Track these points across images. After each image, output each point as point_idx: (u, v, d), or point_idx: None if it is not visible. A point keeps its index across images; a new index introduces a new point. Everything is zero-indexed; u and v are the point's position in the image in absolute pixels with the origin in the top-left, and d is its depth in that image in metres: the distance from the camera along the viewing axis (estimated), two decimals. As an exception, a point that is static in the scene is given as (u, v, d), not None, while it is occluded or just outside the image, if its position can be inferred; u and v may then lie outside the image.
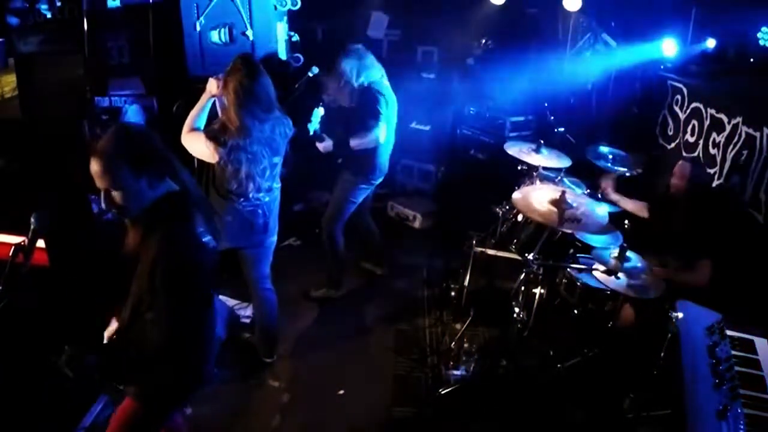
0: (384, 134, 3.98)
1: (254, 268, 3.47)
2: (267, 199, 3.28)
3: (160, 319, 1.98)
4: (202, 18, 4.26)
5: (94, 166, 1.94)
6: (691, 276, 3.42)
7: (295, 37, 5.02)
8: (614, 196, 4.12)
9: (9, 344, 3.16)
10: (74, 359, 1.92)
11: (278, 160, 3.27)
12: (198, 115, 3.14)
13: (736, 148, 3.83)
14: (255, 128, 3.05)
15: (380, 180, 4.34)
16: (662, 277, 3.36)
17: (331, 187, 4.38)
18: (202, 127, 3.15)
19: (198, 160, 3.20)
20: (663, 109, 4.94)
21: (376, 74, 4.06)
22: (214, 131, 3.08)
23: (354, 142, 3.95)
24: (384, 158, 4.22)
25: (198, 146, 3.08)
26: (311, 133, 3.90)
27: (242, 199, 3.19)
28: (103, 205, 1.99)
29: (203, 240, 2.04)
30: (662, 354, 2.92)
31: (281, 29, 4.84)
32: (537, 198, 3.49)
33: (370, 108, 3.95)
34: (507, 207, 4.28)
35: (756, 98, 3.76)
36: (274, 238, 3.48)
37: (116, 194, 1.96)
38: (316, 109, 3.81)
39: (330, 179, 4.43)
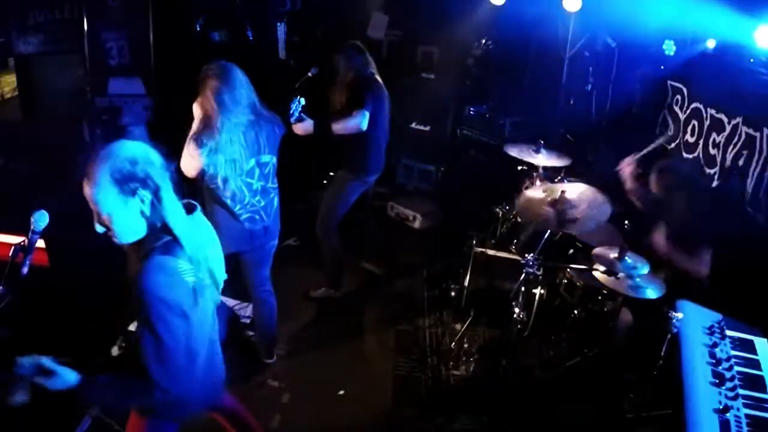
0: (366, 122, 3.93)
1: (254, 272, 3.46)
2: (263, 203, 3.25)
3: (141, 346, 1.86)
4: (201, 18, 4.26)
5: (85, 188, 1.81)
6: (691, 262, 3.36)
7: (295, 38, 5.03)
8: (631, 183, 3.95)
9: (8, 345, 3.16)
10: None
11: (269, 159, 3.22)
12: None
13: (736, 148, 3.83)
14: (231, 130, 3.00)
15: (375, 177, 4.33)
16: (663, 251, 3.34)
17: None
18: None
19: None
20: (663, 109, 4.94)
21: (372, 68, 4.12)
22: (192, 136, 3.03)
23: (335, 126, 3.92)
24: (376, 155, 4.20)
25: (185, 159, 3.02)
26: (292, 121, 3.83)
27: (238, 207, 3.15)
28: (97, 229, 1.86)
29: (186, 277, 1.87)
30: (662, 354, 2.92)
31: (281, 29, 4.85)
32: (537, 200, 3.50)
33: (358, 96, 3.96)
34: (507, 207, 4.28)
35: (756, 98, 3.76)
36: (275, 242, 3.48)
37: (105, 218, 1.83)
38: (294, 99, 3.74)
39: (330, 179, 4.43)
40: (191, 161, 3.02)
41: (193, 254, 1.92)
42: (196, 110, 3.08)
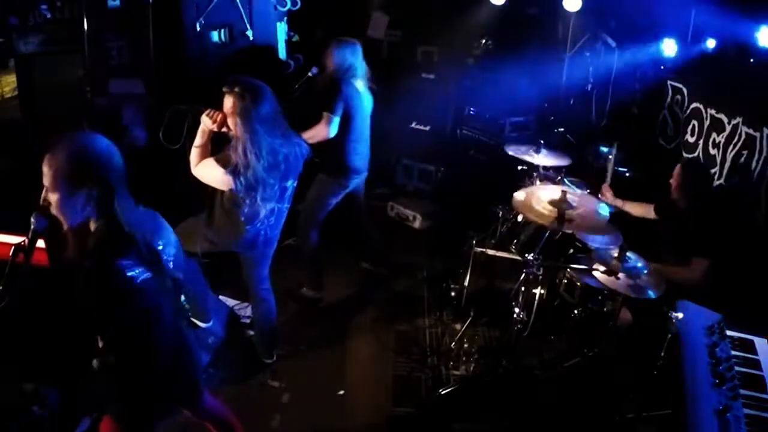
0: (334, 128, 3.92)
1: (254, 270, 3.47)
2: (272, 221, 3.27)
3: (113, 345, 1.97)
4: (202, 18, 4.26)
5: (44, 167, 1.95)
6: (685, 272, 3.42)
7: (295, 38, 5.02)
8: (617, 203, 4.10)
9: (8, 346, 3.15)
10: (36, 397, 1.88)
11: (291, 183, 3.23)
12: (203, 152, 3.07)
13: (736, 148, 3.83)
14: (265, 155, 2.98)
15: (357, 180, 4.28)
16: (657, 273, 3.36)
17: None
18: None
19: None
20: (663, 109, 4.94)
21: (354, 72, 4.04)
22: (229, 161, 2.98)
23: (305, 135, 3.83)
24: (355, 159, 4.15)
25: (214, 176, 3.02)
26: None
27: (248, 226, 3.16)
28: (41, 201, 1.98)
29: (134, 278, 1.93)
30: (662, 354, 2.92)
31: (281, 29, 4.84)
32: (537, 199, 3.49)
33: (328, 100, 3.92)
34: (507, 207, 4.28)
35: (756, 98, 3.76)
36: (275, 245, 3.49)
37: (52, 197, 1.96)
38: None
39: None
40: (218, 182, 3.03)
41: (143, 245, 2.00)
42: (208, 122, 3.02)
